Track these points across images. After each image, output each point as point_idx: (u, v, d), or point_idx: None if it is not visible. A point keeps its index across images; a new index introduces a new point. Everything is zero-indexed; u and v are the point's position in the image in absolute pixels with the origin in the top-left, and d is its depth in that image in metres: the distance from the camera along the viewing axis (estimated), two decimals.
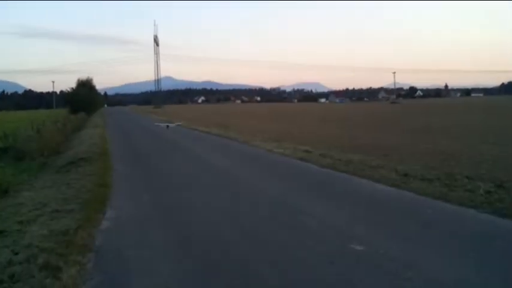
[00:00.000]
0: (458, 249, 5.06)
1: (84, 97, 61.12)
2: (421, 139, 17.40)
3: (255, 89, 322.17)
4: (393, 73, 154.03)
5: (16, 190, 10.01)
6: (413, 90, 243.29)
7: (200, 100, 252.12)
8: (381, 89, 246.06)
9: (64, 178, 10.80)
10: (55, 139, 20.52)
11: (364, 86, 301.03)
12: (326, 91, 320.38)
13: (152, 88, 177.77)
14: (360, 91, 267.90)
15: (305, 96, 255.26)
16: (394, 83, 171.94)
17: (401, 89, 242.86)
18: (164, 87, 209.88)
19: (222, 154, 15.25)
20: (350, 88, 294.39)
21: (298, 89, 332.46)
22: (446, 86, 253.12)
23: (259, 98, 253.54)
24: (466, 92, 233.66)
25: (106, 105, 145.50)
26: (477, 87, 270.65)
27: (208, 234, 5.92)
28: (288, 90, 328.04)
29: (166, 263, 4.91)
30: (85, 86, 67.50)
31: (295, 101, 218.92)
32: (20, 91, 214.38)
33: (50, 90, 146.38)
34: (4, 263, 4.87)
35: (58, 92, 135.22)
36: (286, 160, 13.08)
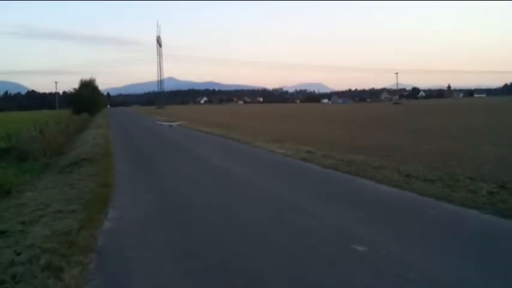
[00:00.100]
0: (460, 250, 5.04)
1: (87, 98, 61.40)
2: (424, 140, 17.36)
3: (258, 90, 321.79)
4: (396, 74, 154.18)
5: (19, 190, 10.06)
6: (416, 90, 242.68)
7: (202, 101, 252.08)
8: (384, 90, 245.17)
9: (67, 179, 10.84)
10: (58, 140, 20.60)
11: (366, 87, 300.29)
12: (328, 92, 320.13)
13: (155, 89, 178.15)
14: (363, 92, 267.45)
15: (307, 96, 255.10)
16: (397, 84, 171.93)
17: (404, 90, 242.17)
18: (167, 87, 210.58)
19: (224, 155, 15.26)
20: (353, 89, 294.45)
21: (300, 90, 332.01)
22: (449, 87, 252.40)
23: (261, 99, 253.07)
24: (469, 93, 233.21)
25: (109, 105, 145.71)
26: (480, 87, 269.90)
27: (208, 234, 5.93)
28: (291, 90, 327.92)
29: (167, 264, 4.92)
30: (88, 87, 67.74)
31: (297, 102, 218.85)
32: (23, 92, 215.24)
33: (53, 90, 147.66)
34: (6, 264, 4.88)
35: (61, 93, 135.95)
36: (288, 160, 13.08)
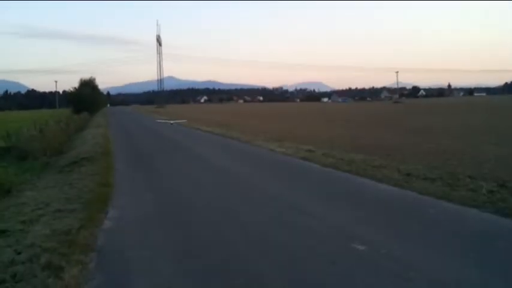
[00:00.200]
0: (460, 249, 5.04)
1: (86, 97, 61.38)
2: (424, 139, 17.36)
3: (258, 89, 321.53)
4: (396, 72, 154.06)
5: (19, 190, 10.06)
6: (416, 89, 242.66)
7: (203, 100, 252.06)
8: (384, 89, 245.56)
9: (67, 178, 10.84)
10: (58, 139, 20.59)
11: (366, 86, 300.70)
12: (329, 91, 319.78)
13: (155, 88, 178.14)
14: (363, 90, 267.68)
15: (308, 95, 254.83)
16: (397, 83, 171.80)
17: (404, 89, 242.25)
18: (167, 87, 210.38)
19: (224, 154, 15.25)
20: (353, 87, 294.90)
21: (300, 89, 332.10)
22: (449, 86, 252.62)
23: (261, 98, 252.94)
24: (469, 92, 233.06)
25: (109, 105, 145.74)
26: (480, 86, 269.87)
27: (208, 234, 5.93)
28: (291, 89, 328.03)
29: (167, 263, 4.92)
30: (88, 86, 67.75)
31: (297, 101, 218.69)
32: (23, 91, 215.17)
33: (53, 90, 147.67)
34: (7, 263, 4.89)
35: (61, 92, 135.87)
36: (288, 160, 13.07)
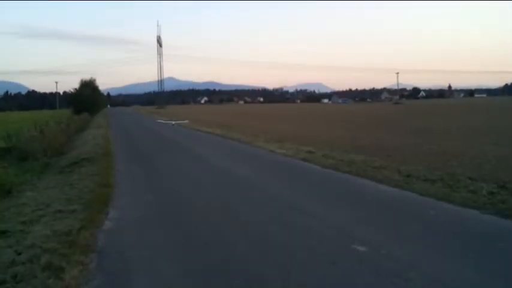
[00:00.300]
0: (460, 250, 5.04)
1: (87, 98, 61.49)
2: (424, 140, 17.36)
3: (258, 90, 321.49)
4: (396, 74, 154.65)
5: (19, 190, 10.06)
6: (416, 90, 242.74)
7: (203, 101, 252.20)
8: (384, 90, 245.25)
9: (67, 178, 10.84)
10: (58, 140, 20.62)
11: (367, 87, 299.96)
12: (329, 91, 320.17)
13: (155, 89, 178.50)
14: (363, 91, 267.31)
15: (308, 96, 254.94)
16: (397, 84, 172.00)
17: (404, 90, 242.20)
18: (167, 87, 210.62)
19: (224, 155, 15.24)
20: (353, 88, 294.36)
21: (301, 90, 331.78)
22: (449, 87, 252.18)
23: (262, 99, 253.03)
24: (470, 93, 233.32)
25: (109, 105, 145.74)
26: (480, 87, 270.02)
27: (208, 234, 5.93)
28: (291, 90, 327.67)
29: (167, 263, 4.92)
30: (88, 87, 67.81)
31: (298, 102, 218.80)
32: (24, 92, 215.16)
33: (53, 90, 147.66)
34: (7, 263, 4.89)
35: (61, 93, 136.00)
36: (288, 160, 13.07)
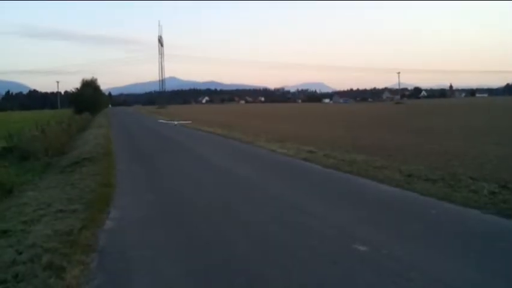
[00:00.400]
0: (461, 250, 5.04)
1: (88, 97, 61.59)
2: (426, 139, 17.34)
3: (259, 90, 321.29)
4: (398, 73, 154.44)
5: (20, 190, 10.08)
6: (417, 90, 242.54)
7: (204, 100, 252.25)
8: (385, 90, 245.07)
9: (68, 178, 10.85)
10: (60, 139, 20.67)
11: (368, 86, 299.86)
12: (330, 91, 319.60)
13: (156, 88, 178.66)
14: (364, 91, 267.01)
15: (309, 96, 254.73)
16: (399, 83, 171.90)
17: (405, 90, 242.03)
18: (168, 87, 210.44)
19: (225, 154, 15.25)
20: (354, 88, 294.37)
21: (302, 90, 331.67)
22: (451, 87, 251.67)
23: (263, 99, 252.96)
24: (471, 93, 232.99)
25: (110, 105, 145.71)
26: (482, 87, 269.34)
27: (210, 234, 5.93)
28: (292, 90, 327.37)
29: (169, 263, 4.92)
30: (89, 87, 67.94)
31: (299, 102, 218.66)
32: (25, 91, 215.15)
33: (55, 90, 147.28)
34: (8, 263, 4.89)
35: (63, 93, 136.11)
36: (289, 160, 13.07)
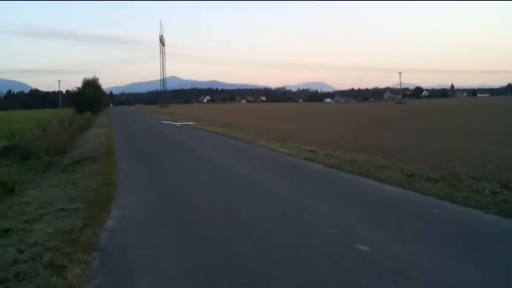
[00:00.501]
0: (463, 249, 5.03)
1: (90, 97, 61.52)
2: (427, 139, 17.32)
3: (261, 89, 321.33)
4: (399, 73, 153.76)
5: (22, 189, 10.09)
6: (419, 90, 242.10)
7: (205, 100, 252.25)
8: (387, 89, 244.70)
9: (70, 177, 10.86)
10: (61, 138, 20.68)
11: (369, 86, 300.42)
12: (331, 91, 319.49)
13: (158, 88, 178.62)
14: (366, 91, 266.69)
15: (310, 96, 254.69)
16: (400, 83, 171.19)
17: (407, 89, 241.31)
18: (170, 86, 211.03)
19: (227, 154, 15.25)
20: (355, 88, 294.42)
21: (303, 89, 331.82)
22: (452, 86, 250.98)
23: (264, 98, 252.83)
24: (472, 92, 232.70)
25: (112, 104, 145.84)
26: (483, 87, 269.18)
27: (211, 234, 5.93)
28: (294, 90, 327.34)
29: (170, 263, 4.92)
30: (91, 86, 67.85)
31: (300, 101, 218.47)
32: (26, 90, 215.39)
33: (56, 89, 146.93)
34: (10, 261, 4.90)
35: (64, 92, 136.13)
36: (291, 160, 13.06)
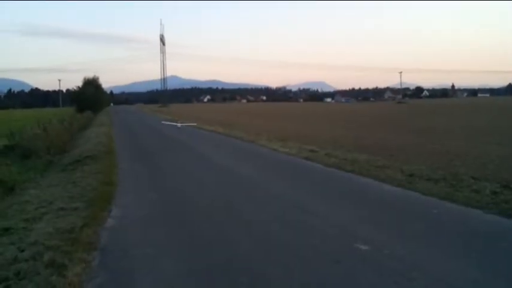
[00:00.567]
0: (463, 249, 5.03)
1: (90, 96, 61.50)
2: (427, 139, 17.32)
3: (261, 89, 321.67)
4: (399, 73, 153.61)
5: (22, 188, 10.09)
6: (419, 90, 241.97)
7: (206, 99, 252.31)
8: (387, 89, 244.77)
9: (70, 176, 10.86)
10: (61, 138, 20.67)
11: (370, 86, 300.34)
12: (332, 90, 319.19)
13: (158, 87, 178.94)
14: (366, 91, 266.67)
15: (311, 95, 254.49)
16: (401, 83, 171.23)
17: (407, 89, 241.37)
18: (170, 86, 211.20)
19: (227, 153, 15.25)
20: (356, 88, 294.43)
21: (303, 89, 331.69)
22: (452, 86, 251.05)
23: (264, 98, 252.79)
24: (473, 92, 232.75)
25: (112, 104, 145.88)
26: (484, 87, 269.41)
27: (212, 233, 5.93)
28: (294, 89, 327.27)
29: (171, 262, 4.92)
30: (91, 85, 67.76)
31: (300, 101, 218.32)
32: (27, 89, 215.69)
33: (57, 88, 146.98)
34: (10, 260, 4.90)
35: (64, 91, 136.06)
36: (291, 159, 13.06)
